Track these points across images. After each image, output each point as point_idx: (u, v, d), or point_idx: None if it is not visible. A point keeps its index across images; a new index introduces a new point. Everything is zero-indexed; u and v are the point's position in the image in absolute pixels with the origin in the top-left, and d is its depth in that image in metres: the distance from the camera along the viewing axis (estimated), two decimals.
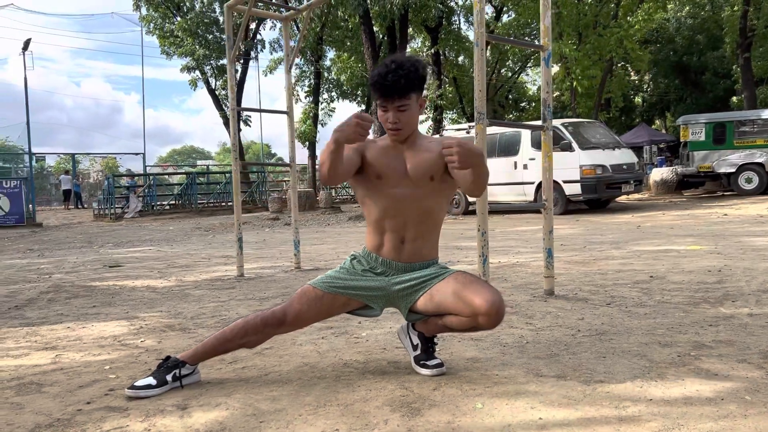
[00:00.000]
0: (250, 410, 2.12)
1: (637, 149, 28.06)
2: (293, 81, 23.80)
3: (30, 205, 17.92)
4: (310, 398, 2.21)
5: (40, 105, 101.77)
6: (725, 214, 10.62)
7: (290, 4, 10.65)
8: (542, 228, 4.04)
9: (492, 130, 13.75)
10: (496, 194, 13.31)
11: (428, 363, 2.45)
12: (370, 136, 2.43)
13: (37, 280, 6.06)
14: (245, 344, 2.43)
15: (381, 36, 18.49)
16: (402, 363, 2.60)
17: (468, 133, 13.55)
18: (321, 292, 2.38)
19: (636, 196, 16.36)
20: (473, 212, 14.62)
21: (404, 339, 2.58)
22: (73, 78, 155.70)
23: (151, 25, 23.35)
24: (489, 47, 27.00)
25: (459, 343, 2.89)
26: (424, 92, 2.44)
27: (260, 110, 7.66)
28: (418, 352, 2.49)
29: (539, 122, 4.10)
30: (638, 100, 36.23)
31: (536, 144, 12.61)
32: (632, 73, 32.96)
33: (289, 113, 5.92)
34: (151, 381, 2.33)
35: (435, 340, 2.52)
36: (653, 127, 34.00)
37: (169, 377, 2.36)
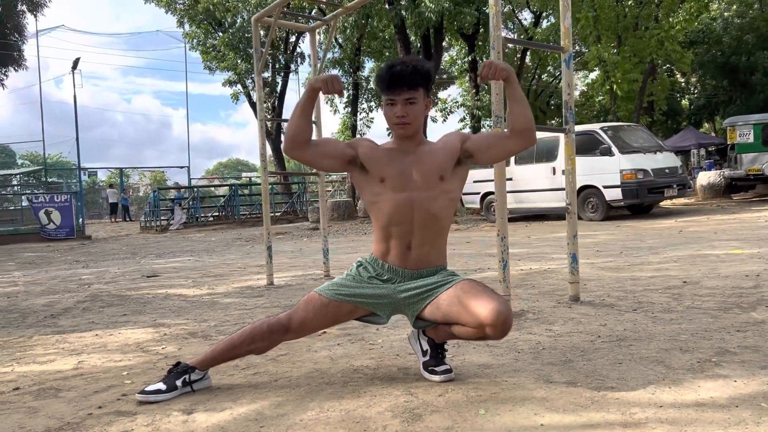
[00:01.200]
0: (253, 415, 2.13)
1: (685, 153, 27.36)
2: None
3: (80, 219, 18.51)
4: (314, 404, 2.21)
5: (93, 122, 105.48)
6: None
7: (317, 14, 10.75)
8: (566, 233, 3.96)
9: None
10: (535, 201, 13.14)
11: (437, 369, 2.42)
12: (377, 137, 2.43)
13: (77, 290, 6.24)
14: (253, 350, 2.45)
15: (417, 45, 18.53)
16: (412, 369, 2.58)
17: None
18: (327, 299, 2.38)
19: (682, 200, 15.91)
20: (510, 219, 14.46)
21: (414, 344, 2.56)
22: (123, 95, 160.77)
23: (194, 41, 23.94)
24: (529, 53, 26.77)
25: (474, 349, 2.85)
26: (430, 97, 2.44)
27: (286, 120, 7.72)
28: (427, 357, 2.47)
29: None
30: (685, 102, 35.28)
31: (576, 148, 12.38)
32: (678, 75, 32.16)
33: (316, 123, 5.96)
34: (161, 386, 2.37)
35: (445, 346, 2.49)
36: (701, 130, 33.04)
37: (179, 382, 2.39)
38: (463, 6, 14.40)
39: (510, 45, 28.40)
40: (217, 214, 22.60)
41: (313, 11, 15.45)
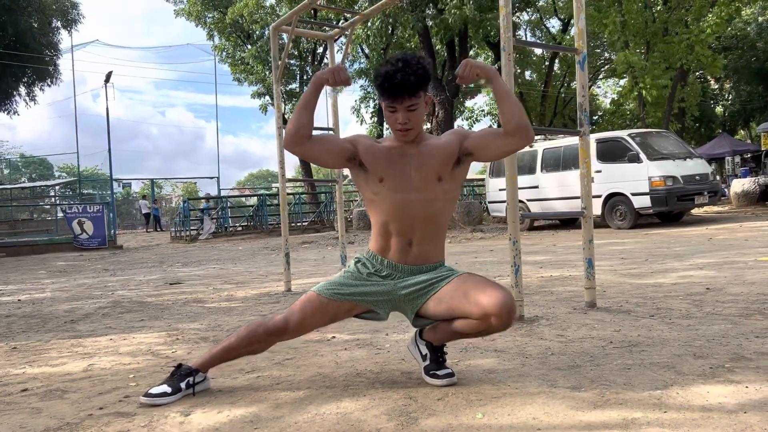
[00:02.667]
0: (249, 417, 2.11)
1: (719, 160, 26.78)
2: (358, 100, 24.08)
3: (112, 229, 18.86)
4: (312, 407, 2.19)
5: (128, 134, 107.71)
6: None
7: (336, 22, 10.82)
8: (582, 237, 3.88)
9: (556, 143, 13.46)
10: (562, 209, 12.96)
11: (438, 373, 2.37)
12: (371, 136, 2.40)
13: (100, 296, 6.33)
14: (251, 352, 2.44)
15: (443, 54, 18.51)
16: (415, 374, 2.54)
17: (531, 147, 13.30)
18: (326, 299, 2.35)
19: (715, 208, 15.56)
20: (538, 227, 14.30)
21: (413, 350, 2.52)
22: (158, 108, 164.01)
23: (223, 53, 24.30)
24: (557, 59, 26.55)
25: (481, 354, 2.80)
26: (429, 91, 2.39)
27: None
28: (428, 362, 2.43)
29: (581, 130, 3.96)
30: (719, 109, 34.57)
31: (602, 156, 12.22)
32: (711, 81, 31.54)
33: (334, 130, 5.98)
34: (166, 389, 2.36)
35: (444, 349, 2.45)
36: (736, 137, 32.33)
37: (183, 384, 2.39)
38: (488, 12, 14.34)
39: (537, 52, 28.20)
40: (245, 224, 22.81)
41: (340, 21, 15.58)
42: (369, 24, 15.15)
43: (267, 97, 24.39)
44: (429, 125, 17.36)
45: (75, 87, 25.78)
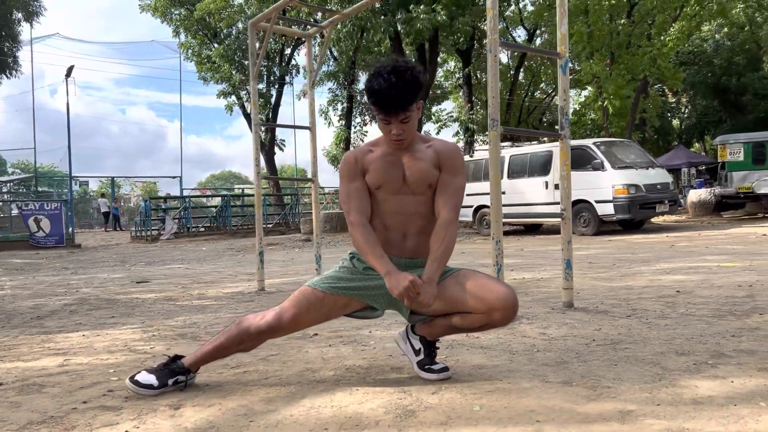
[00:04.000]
0: (243, 410, 2.08)
1: (676, 171, 27.52)
2: (326, 103, 24.01)
3: (70, 227, 18.36)
4: (306, 400, 2.16)
5: (88, 132, 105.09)
6: (764, 234, 10.26)
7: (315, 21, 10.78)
8: (561, 238, 3.94)
9: (523, 150, 13.65)
10: (528, 215, 13.14)
11: (433, 368, 2.38)
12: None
13: (65, 294, 6.15)
14: (242, 350, 2.40)
15: (413, 59, 18.61)
16: (405, 369, 2.53)
17: None
18: (321, 293, 2.32)
19: (673, 217, 15.97)
20: (506, 233, 14.45)
21: (404, 345, 2.51)
22: (118, 105, 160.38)
23: (189, 51, 23.96)
24: (522, 69, 26.94)
25: (467, 350, 2.81)
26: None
27: (283, 125, 7.74)
28: (422, 356, 2.42)
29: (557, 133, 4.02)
30: (676, 122, 35.59)
31: None
32: (669, 95, 32.45)
33: (311, 129, 5.94)
34: (153, 381, 2.30)
35: (437, 344, 2.45)
36: (692, 149, 33.30)
37: (170, 381, 2.32)
38: (458, 18, 14.48)
39: (504, 61, 28.56)
40: (208, 224, 22.48)
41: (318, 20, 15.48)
42: (339, 26, 15.13)
43: (233, 97, 24.14)
44: None
45: (33, 80, 25.04)
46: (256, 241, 5.76)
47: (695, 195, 17.05)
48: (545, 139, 14.14)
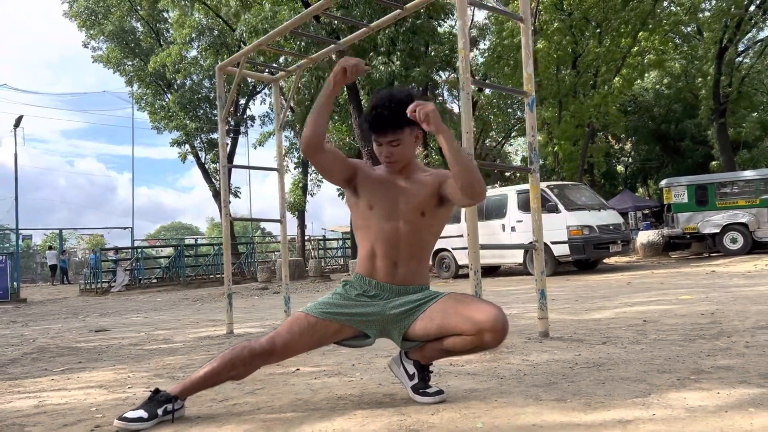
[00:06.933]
0: None
1: (623, 215, 28.47)
2: (284, 151, 24.13)
3: (14, 281, 17.69)
4: (306, 426, 2.14)
5: (34, 185, 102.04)
6: (713, 271, 10.67)
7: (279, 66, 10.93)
8: (534, 269, 4.04)
9: None
10: (485, 257, 13.32)
11: (428, 391, 2.39)
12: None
13: (20, 344, 5.91)
14: (233, 377, 2.37)
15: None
16: (398, 395, 2.54)
17: None
18: (314, 319, 2.33)
19: (624, 258, 16.43)
20: (465, 275, 14.60)
21: (398, 370, 2.52)
22: (66, 158, 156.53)
23: (142, 101, 23.83)
24: (474, 117, 27.69)
25: (456, 377, 2.84)
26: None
27: (251, 167, 7.76)
28: (416, 381, 2.43)
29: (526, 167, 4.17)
30: (620, 168, 37.00)
31: (523, 206, 12.74)
32: (613, 142, 33.79)
33: (279, 170, 5.98)
34: (143, 414, 2.25)
35: (430, 368, 2.47)
36: (637, 194, 34.57)
37: (160, 411, 2.28)
38: (412, 69, 14.91)
39: (455, 111, 29.32)
40: (161, 275, 21.96)
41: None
42: (293, 77, 15.31)
43: (187, 146, 23.98)
44: None
45: None
46: (225, 282, 5.68)
47: (644, 236, 17.62)
48: (497, 183, 14.48)
